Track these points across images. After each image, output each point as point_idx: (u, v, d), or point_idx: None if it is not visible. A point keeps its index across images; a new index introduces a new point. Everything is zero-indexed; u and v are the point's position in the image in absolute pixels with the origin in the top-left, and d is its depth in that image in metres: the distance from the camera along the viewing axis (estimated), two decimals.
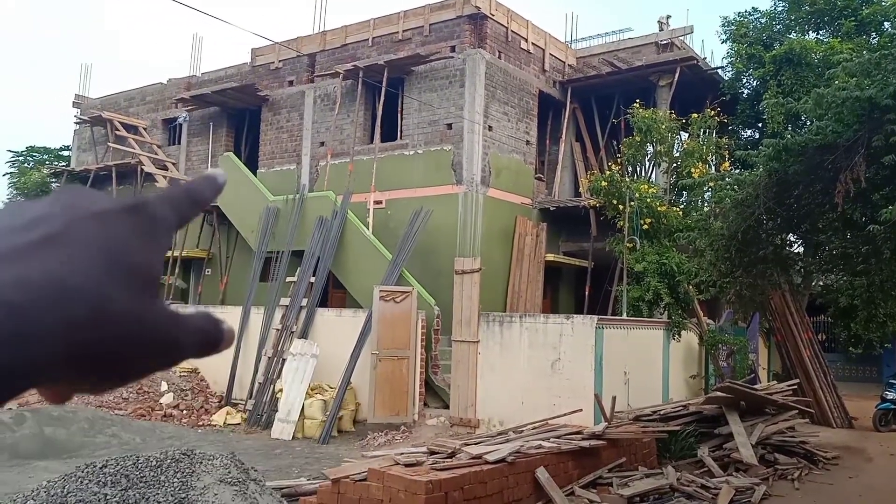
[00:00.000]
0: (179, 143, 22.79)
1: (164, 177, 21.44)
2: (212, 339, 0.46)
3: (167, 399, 14.64)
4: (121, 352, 0.41)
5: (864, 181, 8.01)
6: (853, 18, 18.45)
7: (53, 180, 24.66)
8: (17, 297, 0.37)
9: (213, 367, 15.74)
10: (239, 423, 13.93)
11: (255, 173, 19.78)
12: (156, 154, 22.55)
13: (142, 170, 21.66)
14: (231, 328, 0.48)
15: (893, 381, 14.41)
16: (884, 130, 7.77)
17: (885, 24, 18.21)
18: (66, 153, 27.54)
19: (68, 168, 24.56)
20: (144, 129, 23.31)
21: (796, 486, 9.54)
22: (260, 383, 14.47)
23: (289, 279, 15.93)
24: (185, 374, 15.82)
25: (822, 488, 9.53)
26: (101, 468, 5.97)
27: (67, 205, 0.43)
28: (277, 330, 15.02)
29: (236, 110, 21.60)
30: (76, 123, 25.25)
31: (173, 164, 22.49)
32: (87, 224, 0.42)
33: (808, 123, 10.75)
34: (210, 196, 0.52)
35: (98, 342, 0.39)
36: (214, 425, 13.84)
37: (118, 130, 22.61)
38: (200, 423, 13.98)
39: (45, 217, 0.42)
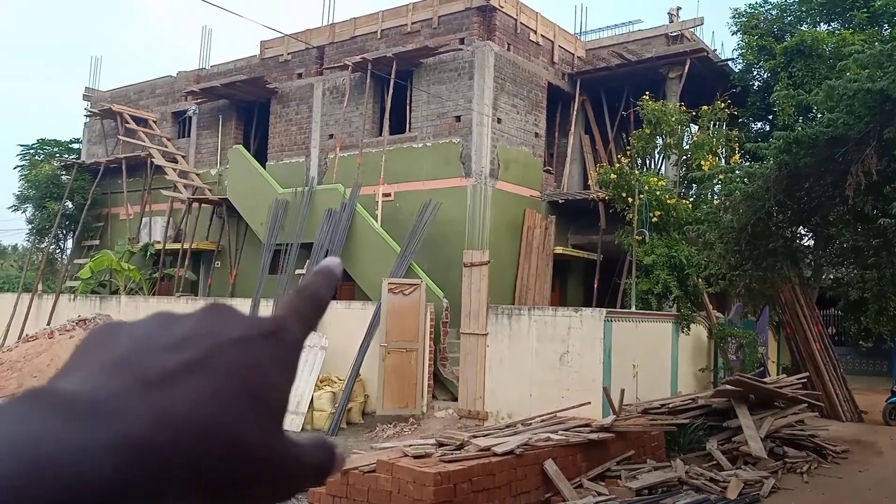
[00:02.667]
0: (189, 135, 22.84)
1: (174, 169, 21.52)
2: (327, 469, 0.45)
3: None
4: (247, 492, 0.39)
5: (876, 174, 7.97)
6: (865, 10, 18.26)
7: (63, 173, 24.76)
8: (158, 436, 0.35)
9: None
10: None
11: (264, 166, 19.82)
12: (165, 147, 22.61)
13: (152, 163, 21.74)
14: (343, 453, 0.47)
15: None
16: (895, 123, 7.72)
17: None
18: (76, 146, 27.62)
19: (79, 161, 24.66)
20: (154, 121, 23.37)
21: (805, 479, 9.53)
22: None
23: (298, 272, 15.98)
24: None
25: (832, 482, 9.51)
26: None
27: (213, 326, 0.42)
28: None
29: (245, 103, 21.63)
30: (86, 116, 25.35)
31: (183, 156, 22.55)
32: (229, 351, 0.40)
33: (820, 116, 10.68)
34: (331, 294, 0.50)
35: (229, 484, 0.38)
36: None
37: (128, 123, 22.69)
38: None
39: (192, 338, 0.40)
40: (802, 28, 19.09)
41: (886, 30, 17.73)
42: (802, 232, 12.59)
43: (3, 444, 0.32)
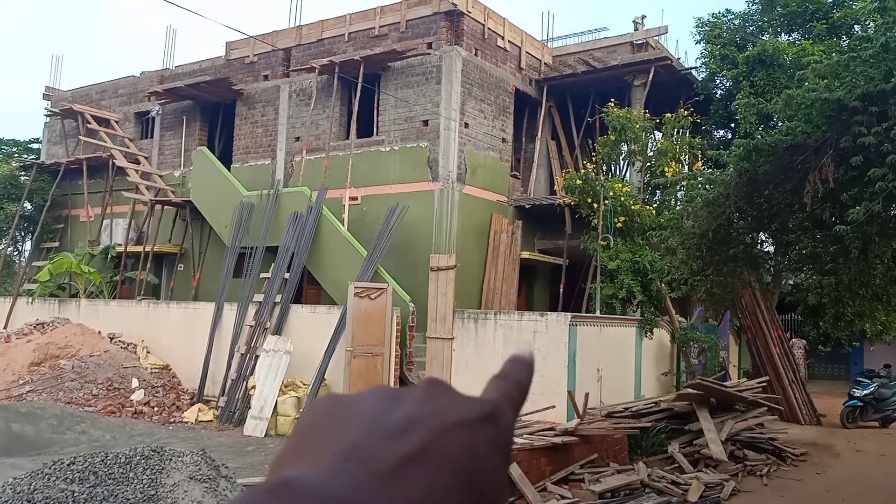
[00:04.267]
0: (152, 136, 22.51)
1: (136, 171, 21.19)
2: None
3: (138, 396, 14.48)
4: None
5: (833, 181, 8.13)
6: (824, 21, 18.71)
7: (22, 173, 24.25)
8: None
9: (186, 364, 15.61)
10: (211, 420, 13.82)
11: (229, 168, 19.61)
12: (128, 148, 22.26)
13: (113, 164, 21.38)
14: None
15: (861, 379, 14.67)
16: (851, 132, 7.89)
17: (856, 26, 18.48)
18: (35, 146, 27.10)
19: (38, 161, 24.17)
20: (116, 122, 22.99)
21: (765, 481, 9.68)
22: (233, 380, 14.36)
23: (263, 275, 15.82)
24: (157, 370, 15.65)
25: (791, 484, 9.68)
26: (68, 465, 5.90)
27: (433, 407, 0.41)
28: (251, 326, 14.92)
29: (210, 104, 21.39)
30: (46, 116, 24.83)
31: (145, 157, 22.22)
32: (452, 437, 0.40)
33: (780, 124, 10.89)
34: (530, 382, 0.51)
35: None
36: (186, 422, 13.72)
37: (89, 123, 22.29)
38: (172, 420, 13.85)
39: (415, 421, 0.40)
40: (764, 38, 19.47)
41: (844, 41, 18.15)
42: (762, 238, 12.81)
43: None
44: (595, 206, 15.56)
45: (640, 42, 19.94)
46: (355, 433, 0.39)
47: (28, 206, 23.50)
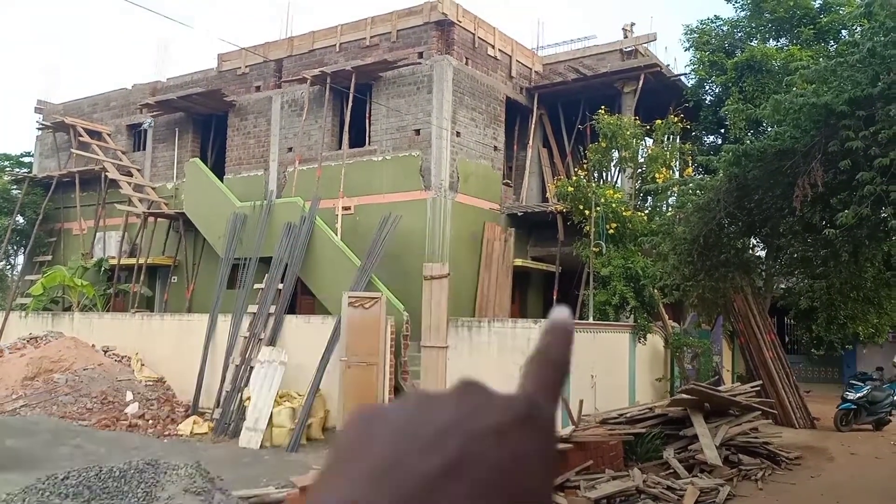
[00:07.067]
0: (144, 148, 22.51)
1: (129, 183, 21.17)
2: None
3: (132, 409, 14.43)
4: None
5: (822, 185, 8.20)
6: (812, 26, 18.84)
7: (14, 187, 24.19)
8: None
9: (180, 376, 15.57)
10: (206, 433, 13.78)
11: (221, 179, 19.61)
12: (120, 160, 22.23)
13: (106, 176, 21.36)
14: None
15: (854, 382, 14.71)
16: (839, 136, 7.97)
17: (843, 32, 18.62)
18: (27, 159, 27.03)
19: (30, 175, 24.12)
20: (108, 134, 22.97)
21: (760, 486, 9.70)
22: (227, 391, 14.33)
23: (256, 286, 15.81)
24: (151, 383, 15.61)
25: (785, 488, 9.70)
26: (62, 480, 5.89)
27: (466, 413, 0.40)
28: (245, 337, 14.90)
29: (202, 116, 21.40)
30: (38, 129, 24.80)
31: (138, 170, 22.21)
32: (486, 447, 0.38)
33: (769, 129, 10.97)
34: (571, 354, 0.46)
35: None
36: (181, 435, 13.68)
37: (81, 136, 22.26)
38: (167, 433, 13.81)
39: (449, 430, 0.38)
40: (752, 44, 19.60)
41: (832, 46, 18.29)
42: (753, 242, 12.89)
43: None
44: (587, 212, 15.62)
45: (629, 49, 20.06)
46: (390, 447, 0.39)
47: (20, 219, 23.43)
